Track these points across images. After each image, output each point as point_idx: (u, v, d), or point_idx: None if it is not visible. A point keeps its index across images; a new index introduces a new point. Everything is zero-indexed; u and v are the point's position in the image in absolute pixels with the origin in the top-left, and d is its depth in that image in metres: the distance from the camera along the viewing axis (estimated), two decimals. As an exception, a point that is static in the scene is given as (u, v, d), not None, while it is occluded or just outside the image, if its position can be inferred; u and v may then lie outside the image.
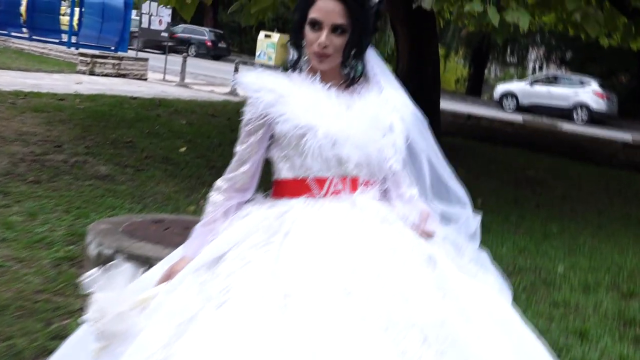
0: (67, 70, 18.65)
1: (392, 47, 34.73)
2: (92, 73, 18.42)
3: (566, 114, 27.68)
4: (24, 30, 24.22)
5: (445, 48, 39.51)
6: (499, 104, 30.16)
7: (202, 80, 22.48)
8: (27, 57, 20.79)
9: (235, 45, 42.93)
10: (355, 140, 2.23)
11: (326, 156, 2.22)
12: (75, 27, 23.42)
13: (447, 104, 22.02)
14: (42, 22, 22.97)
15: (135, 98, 14.31)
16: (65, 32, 24.08)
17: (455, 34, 35.88)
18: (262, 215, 2.23)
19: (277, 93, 2.25)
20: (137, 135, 10.19)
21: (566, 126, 19.68)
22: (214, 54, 36.86)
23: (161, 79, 20.29)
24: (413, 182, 2.39)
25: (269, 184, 2.38)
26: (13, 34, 24.25)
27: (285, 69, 2.37)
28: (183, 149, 9.52)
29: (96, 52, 19.94)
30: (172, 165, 8.48)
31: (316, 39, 2.23)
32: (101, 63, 18.77)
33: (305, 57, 2.33)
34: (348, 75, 2.34)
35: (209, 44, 36.91)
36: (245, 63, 22.59)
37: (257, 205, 2.30)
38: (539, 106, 28.57)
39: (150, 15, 21.64)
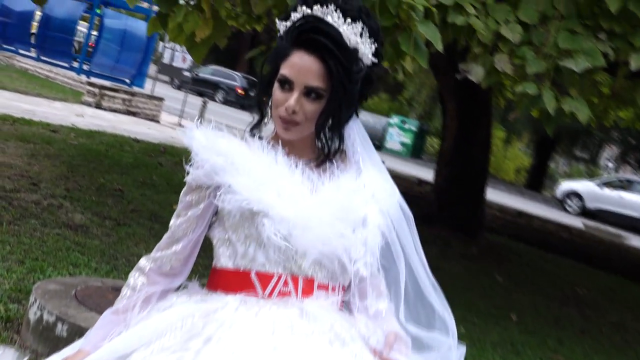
0: (71, 100, 18.87)
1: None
2: (98, 106, 18.57)
3: (637, 225, 27.19)
4: (32, 49, 24.63)
5: (506, 131, 39.47)
6: (561, 203, 29.79)
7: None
8: (30, 78, 21.12)
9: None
10: (315, 232, 2.06)
11: (276, 247, 2.06)
12: (89, 52, 23.75)
13: (498, 196, 21.83)
14: (54, 43, 23.31)
15: (138, 141, 14.35)
16: (77, 56, 24.43)
17: (518, 117, 35.75)
18: (187, 311, 2.06)
19: (228, 159, 2.10)
20: (129, 183, 10.14)
21: (634, 241, 19.30)
22: (244, 103, 37.08)
23: (176, 123, 20.38)
24: (384, 294, 2.22)
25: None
26: (20, 51, 24.69)
27: (252, 133, 2.23)
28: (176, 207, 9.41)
29: (107, 83, 20.14)
30: (160, 224, 8.37)
31: (284, 101, 2.09)
32: (110, 96, 18.92)
33: (270, 121, 2.19)
34: (322, 150, 2.20)
35: (240, 91, 37.00)
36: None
37: (185, 297, 2.14)
38: (607, 212, 28.12)
39: (174, 51, 21.89)
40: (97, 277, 5.77)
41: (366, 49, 2.11)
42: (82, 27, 26.39)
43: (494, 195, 20.72)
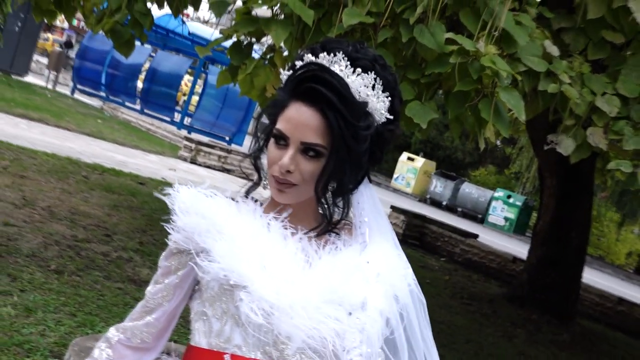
0: (168, 153, 19.12)
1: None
2: (193, 161, 18.74)
3: None
4: (137, 101, 25.26)
5: (620, 214, 38.20)
6: (672, 292, 28.49)
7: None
8: (130, 130, 21.55)
9: (373, 162, 43.18)
10: (302, 315, 1.77)
11: (255, 328, 1.77)
12: (192, 108, 24.18)
13: (604, 279, 20.91)
14: (158, 97, 23.89)
15: (225, 198, 14.31)
16: (179, 111, 24.91)
17: (631, 198, 34.55)
18: None
19: (211, 221, 1.85)
20: (206, 241, 10.02)
21: None
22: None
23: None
24: None
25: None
26: (126, 103, 25.35)
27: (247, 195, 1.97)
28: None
29: (205, 138, 20.36)
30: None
31: (278, 159, 1.82)
32: (206, 152, 19.08)
33: (265, 181, 1.92)
34: (325, 218, 1.91)
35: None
36: (379, 184, 22.42)
37: None
38: None
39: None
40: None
41: (378, 104, 1.84)
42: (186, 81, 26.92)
43: (599, 278, 19.86)
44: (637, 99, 6.09)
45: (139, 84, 25.39)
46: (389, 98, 1.86)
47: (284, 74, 1.89)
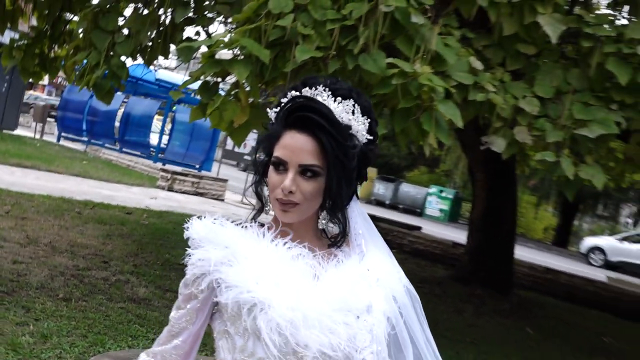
0: (147, 185, 18.83)
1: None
2: (170, 189, 18.53)
3: (657, 275, 26.20)
4: (116, 142, 24.93)
5: (536, 196, 38.70)
6: (585, 258, 28.86)
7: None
8: (113, 167, 21.20)
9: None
10: (317, 324, 1.70)
11: (276, 341, 1.68)
12: (163, 143, 23.92)
13: (528, 253, 21.10)
14: (134, 136, 23.61)
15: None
16: (153, 147, 24.65)
17: (544, 182, 35.04)
18: None
19: (227, 250, 1.76)
20: (191, 257, 9.83)
21: (656, 290, 18.35)
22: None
23: (238, 201, 20.23)
24: None
25: None
26: (106, 145, 24.99)
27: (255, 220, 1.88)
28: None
29: (178, 168, 20.16)
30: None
31: (280, 183, 1.75)
32: (181, 180, 18.89)
33: (268, 207, 1.84)
34: (324, 233, 1.86)
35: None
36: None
37: None
38: (629, 264, 27.22)
39: (236, 138, 21.91)
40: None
41: (359, 126, 1.79)
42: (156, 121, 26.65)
43: (524, 252, 20.01)
44: (552, 99, 6.12)
45: (116, 127, 25.03)
46: (368, 120, 1.81)
47: (272, 112, 1.84)
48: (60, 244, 8.85)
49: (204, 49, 5.83)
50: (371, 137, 1.81)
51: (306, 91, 1.79)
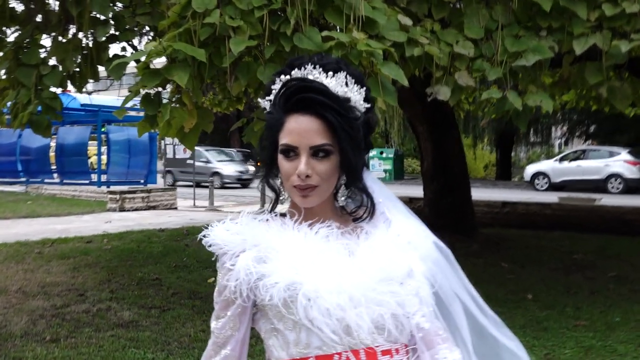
0: (98, 210, 18.50)
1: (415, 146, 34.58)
2: (122, 209, 18.27)
3: (600, 186, 26.96)
4: (55, 175, 24.35)
5: (471, 137, 39.26)
6: (531, 185, 29.50)
7: (233, 201, 22.21)
8: (58, 201, 20.74)
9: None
10: (365, 299, 1.67)
11: (329, 326, 1.65)
12: (104, 166, 23.47)
13: (479, 193, 21.42)
14: (72, 165, 23.09)
15: (163, 230, 13.98)
16: (94, 172, 24.18)
17: (477, 123, 35.61)
18: None
19: (257, 247, 1.72)
20: (163, 270, 9.70)
21: (605, 199, 18.86)
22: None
23: (191, 206, 20.07)
24: (451, 340, 1.79)
25: None
26: (46, 180, 24.38)
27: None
28: (211, 280, 8.96)
29: (125, 187, 19.86)
30: (200, 300, 7.91)
31: (294, 169, 1.71)
32: (130, 198, 18.66)
33: (285, 196, 1.81)
34: (344, 210, 1.83)
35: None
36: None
37: None
38: (572, 182, 27.96)
39: (175, 145, 21.66)
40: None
41: (357, 96, 1.76)
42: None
43: (475, 193, 20.28)
44: (483, 39, 6.15)
45: (52, 161, 24.43)
46: (363, 89, 1.79)
47: (265, 101, 1.80)
48: (31, 287, 8.61)
49: (134, 63, 5.70)
50: (369, 105, 1.79)
51: (296, 73, 1.75)
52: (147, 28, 7.31)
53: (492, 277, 9.40)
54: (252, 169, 33.00)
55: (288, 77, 1.75)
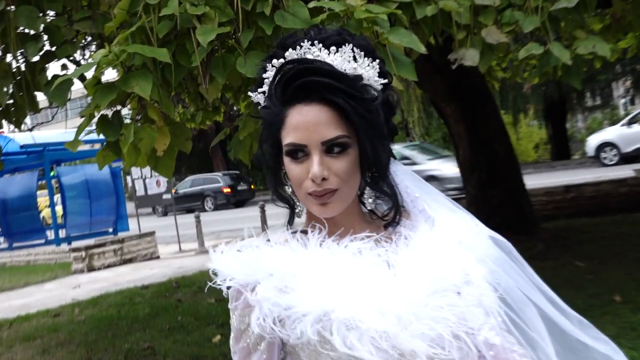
0: (62, 274, 18.55)
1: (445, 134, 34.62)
2: (91, 269, 18.34)
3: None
4: (1, 240, 24.43)
5: (511, 113, 39.27)
6: (597, 159, 29.32)
7: (227, 237, 22.25)
8: (9, 271, 20.81)
9: (259, 182, 43.28)
10: (415, 319, 1.67)
11: (376, 356, 1.65)
12: (60, 218, 23.54)
13: (533, 179, 21.41)
14: (20, 224, 23.15)
15: (146, 287, 14.02)
16: (49, 228, 24.24)
17: (518, 94, 35.63)
18: None
19: (274, 277, 1.73)
20: (155, 336, 9.72)
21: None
22: (236, 200, 37.31)
23: (176, 252, 20.12)
24: (530, 356, 1.80)
25: None
26: (-9, 248, 24.50)
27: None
28: (217, 339, 8.98)
29: (91, 241, 19.92)
30: (206, 365, 7.92)
31: (305, 173, 1.74)
32: (99, 253, 18.73)
33: (301, 207, 1.85)
34: (373, 214, 1.87)
35: (227, 190, 37.45)
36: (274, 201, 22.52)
37: None
38: (647, 149, 27.78)
39: (145, 179, 21.73)
40: None
41: (369, 72, 1.80)
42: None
43: (528, 180, 20.28)
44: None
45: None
46: (375, 62, 1.82)
47: (256, 95, 1.84)
48: (-6, 382, 8.64)
49: (80, 83, 5.73)
50: (385, 80, 1.81)
51: (291, 54, 1.78)
52: (90, 37, 7.35)
53: (566, 281, 9.38)
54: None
55: (282, 60, 1.77)
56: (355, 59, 1.77)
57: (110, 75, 5.55)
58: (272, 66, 1.79)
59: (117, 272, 17.39)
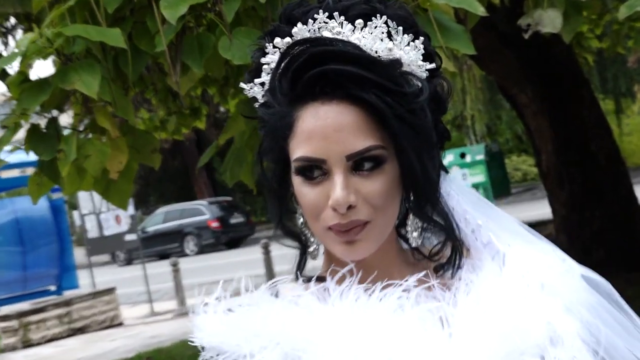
0: (-13, 354, 18.70)
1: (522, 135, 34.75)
2: (27, 344, 18.41)
3: None
4: None
5: (612, 99, 39.27)
6: None
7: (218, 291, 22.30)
8: None
9: (260, 212, 43.37)
10: None
11: None
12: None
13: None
14: None
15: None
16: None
17: (618, 72, 35.60)
18: None
19: (281, 346, 1.72)
20: None
21: None
22: (228, 238, 37.26)
23: (147, 315, 20.18)
24: None
25: None
26: None
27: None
28: None
29: (25, 305, 20.01)
30: None
31: (324, 199, 1.73)
32: (38, 322, 18.82)
33: (315, 246, 1.86)
34: (418, 252, 1.86)
35: (216, 225, 37.35)
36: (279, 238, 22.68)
37: None
38: None
39: (99, 214, 21.80)
40: None
41: (410, 54, 1.78)
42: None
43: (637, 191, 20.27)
44: None
45: None
46: (419, 40, 1.80)
47: (253, 87, 1.84)
48: None
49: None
50: (432, 65, 1.81)
51: (301, 31, 1.77)
52: (12, 20, 7.42)
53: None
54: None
55: (288, 40, 1.77)
56: (390, 36, 1.76)
57: (43, 68, 5.56)
58: (274, 47, 1.78)
59: (65, 347, 17.49)
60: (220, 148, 7.50)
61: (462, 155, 36.10)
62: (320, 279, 1.82)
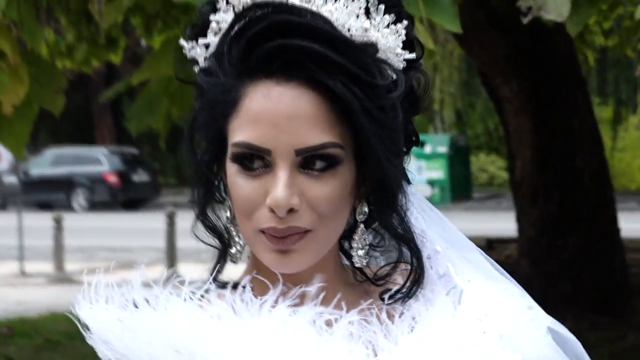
0: None
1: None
2: None
3: None
4: None
5: (610, 106, 39.57)
6: None
7: (105, 258, 22.20)
8: None
9: (169, 172, 43.27)
10: None
11: None
12: None
13: (637, 220, 21.62)
14: None
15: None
16: None
17: (622, 75, 35.90)
18: None
19: (184, 354, 1.73)
20: None
21: None
22: (127, 198, 37.07)
23: (15, 274, 20.12)
24: None
25: None
26: None
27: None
28: None
29: None
30: None
31: (261, 197, 1.72)
32: None
33: (239, 247, 1.85)
34: (360, 273, 1.87)
35: (114, 179, 37.06)
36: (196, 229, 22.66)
37: None
38: None
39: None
40: None
41: (388, 39, 1.78)
42: None
43: (628, 222, 20.50)
44: None
45: None
46: (401, 23, 1.80)
47: (196, 46, 1.82)
48: None
49: None
50: (412, 56, 1.81)
51: None
52: None
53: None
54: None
55: (248, 1, 1.74)
56: (368, 13, 1.76)
57: None
58: (228, 4, 1.76)
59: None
60: (132, 88, 7.51)
61: (422, 144, 36.17)
62: (236, 286, 1.81)
